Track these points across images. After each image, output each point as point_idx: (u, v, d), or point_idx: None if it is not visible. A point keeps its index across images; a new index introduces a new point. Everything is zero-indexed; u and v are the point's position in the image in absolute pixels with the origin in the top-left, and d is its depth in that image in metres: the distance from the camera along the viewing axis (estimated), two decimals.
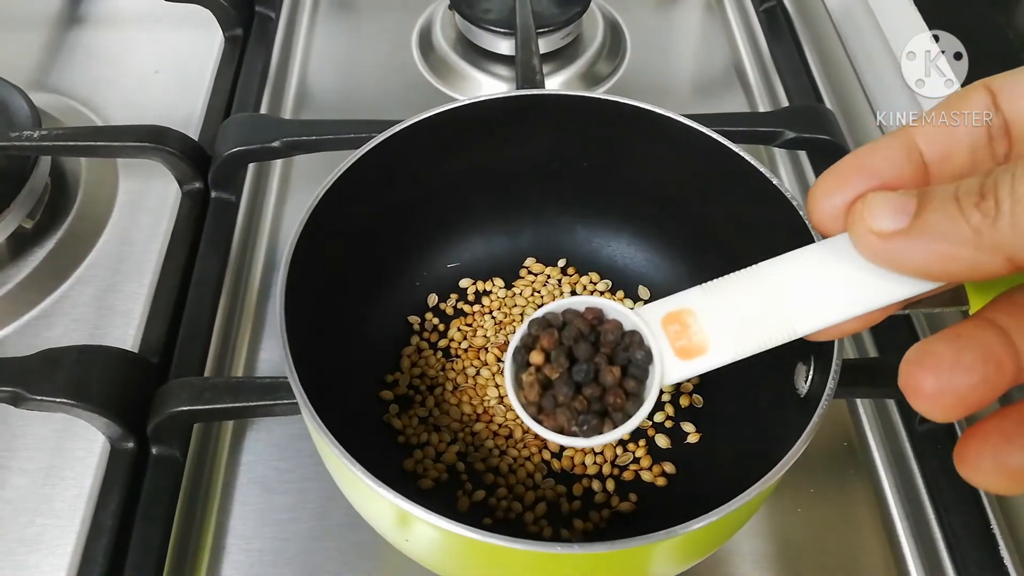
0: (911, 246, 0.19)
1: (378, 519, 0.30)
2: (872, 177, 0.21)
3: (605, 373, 0.24)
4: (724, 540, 0.31)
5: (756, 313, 0.24)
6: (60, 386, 0.35)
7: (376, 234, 0.38)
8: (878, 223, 0.20)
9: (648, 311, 0.25)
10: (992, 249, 0.18)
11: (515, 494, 0.37)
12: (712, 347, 0.24)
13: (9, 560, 0.36)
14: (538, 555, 0.25)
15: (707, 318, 0.24)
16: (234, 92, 0.55)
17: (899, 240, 0.20)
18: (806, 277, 0.23)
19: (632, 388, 0.24)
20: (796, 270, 0.24)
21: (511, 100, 0.37)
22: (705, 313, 0.24)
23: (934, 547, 0.37)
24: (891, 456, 0.40)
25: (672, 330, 0.24)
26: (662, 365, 0.24)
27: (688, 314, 0.24)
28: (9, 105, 0.48)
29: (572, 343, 0.25)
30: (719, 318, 0.24)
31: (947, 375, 0.19)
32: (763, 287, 0.24)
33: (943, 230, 0.19)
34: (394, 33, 0.62)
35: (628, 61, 0.60)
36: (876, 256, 0.21)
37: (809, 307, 0.23)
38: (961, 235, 0.19)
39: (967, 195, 0.19)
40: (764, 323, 0.24)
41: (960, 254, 0.19)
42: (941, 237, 0.19)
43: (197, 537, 0.37)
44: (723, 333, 0.24)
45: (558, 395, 0.25)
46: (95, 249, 0.47)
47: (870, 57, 0.55)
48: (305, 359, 0.29)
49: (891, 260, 0.20)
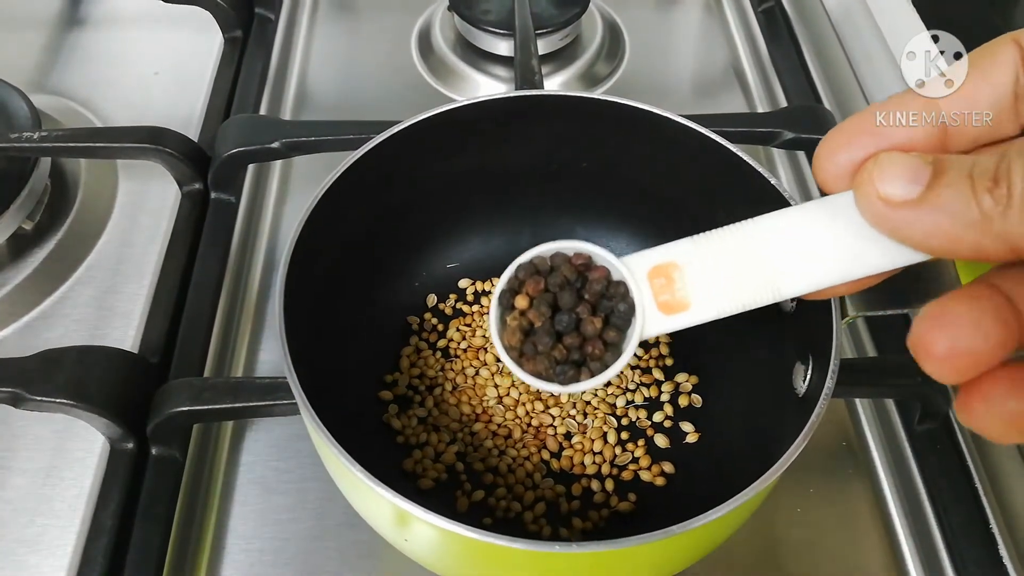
0: (919, 218, 0.19)
1: (377, 519, 0.30)
2: (884, 137, 0.20)
3: (586, 323, 0.25)
4: (723, 539, 0.31)
5: (743, 271, 0.23)
6: (60, 387, 0.35)
7: (375, 234, 0.38)
8: (888, 188, 0.19)
9: (635, 261, 0.25)
10: (998, 237, 0.18)
11: (514, 494, 0.37)
12: (695, 304, 0.24)
13: (9, 560, 0.36)
14: (537, 555, 0.25)
15: (693, 273, 0.24)
16: (233, 93, 0.56)
17: (907, 210, 0.19)
18: (797, 237, 0.23)
19: (612, 339, 0.24)
20: (788, 229, 0.23)
21: (510, 101, 0.37)
22: (692, 267, 0.24)
23: (933, 546, 0.37)
24: (890, 456, 0.40)
25: (657, 283, 0.24)
26: (643, 318, 0.24)
27: (674, 268, 0.24)
28: (9, 106, 0.48)
29: (557, 290, 0.25)
30: (705, 274, 0.24)
31: (968, 336, 0.19)
32: (753, 244, 0.24)
33: (953, 209, 0.18)
34: (393, 34, 0.62)
35: (627, 62, 0.60)
36: (879, 222, 0.20)
37: (797, 268, 0.23)
38: (970, 217, 0.18)
39: (981, 177, 0.18)
40: (750, 282, 0.23)
41: (966, 236, 0.18)
42: (950, 215, 0.18)
43: (197, 537, 0.37)
44: (707, 290, 0.24)
45: (538, 344, 0.25)
46: (95, 250, 0.47)
47: (869, 57, 0.55)
48: (304, 359, 0.29)
49: (894, 229, 0.20)
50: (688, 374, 0.41)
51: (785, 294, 0.23)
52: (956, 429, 0.39)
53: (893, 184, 0.19)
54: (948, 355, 0.19)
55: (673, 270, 0.24)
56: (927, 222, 0.19)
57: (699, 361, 0.41)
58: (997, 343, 0.19)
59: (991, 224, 0.18)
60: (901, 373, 0.38)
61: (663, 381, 0.41)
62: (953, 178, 0.19)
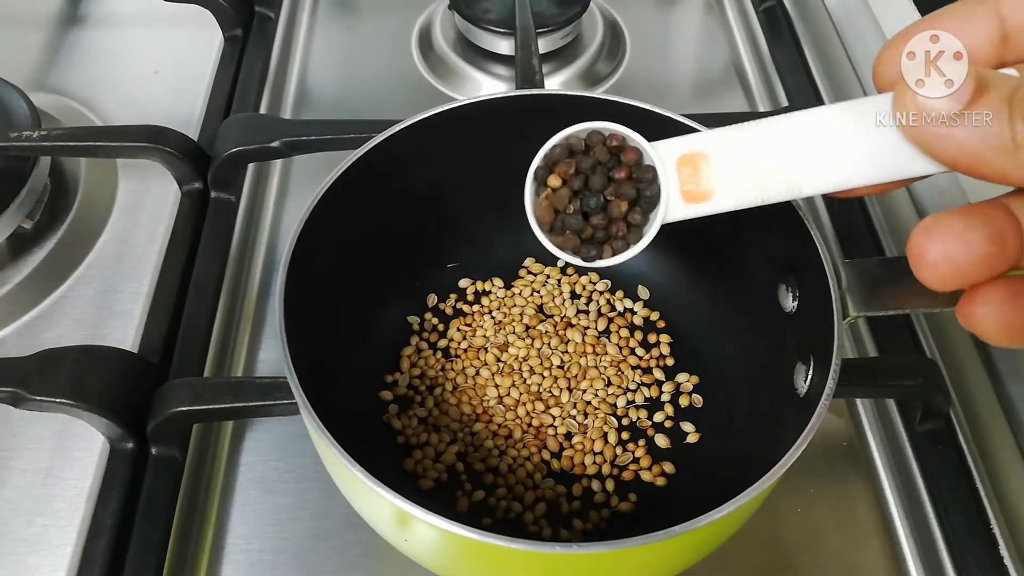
0: (951, 134, 0.19)
1: (377, 519, 0.30)
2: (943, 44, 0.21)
3: (614, 205, 0.26)
4: (724, 540, 0.31)
5: (767, 165, 0.24)
6: (60, 386, 0.35)
7: (375, 234, 0.38)
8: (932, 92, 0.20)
9: (666, 148, 0.25)
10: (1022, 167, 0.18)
11: (514, 494, 0.37)
12: (717, 194, 0.25)
13: (9, 560, 0.36)
14: (537, 555, 0.25)
15: (720, 164, 0.25)
16: (234, 92, 0.55)
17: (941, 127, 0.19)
18: (823, 136, 0.23)
19: (636, 220, 0.26)
20: (816, 127, 0.24)
21: (511, 100, 0.37)
22: (719, 159, 0.25)
23: (934, 546, 0.37)
24: (891, 456, 0.40)
25: (685, 172, 0.25)
26: (667, 204, 0.25)
27: (702, 158, 0.25)
28: (9, 105, 0.48)
29: (589, 172, 0.26)
30: (731, 165, 0.25)
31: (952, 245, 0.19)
32: (780, 139, 0.24)
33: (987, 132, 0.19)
34: (394, 33, 0.62)
35: (628, 61, 0.60)
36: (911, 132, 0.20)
37: (818, 167, 0.23)
38: (1002, 143, 0.18)
39: (1020, 104, 0.18)
40: (772, 177, 0.24)
41: (993, 160, 0.19)
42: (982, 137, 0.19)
43: (197, 537, 0.37)
44: (731, 181, 0.25)
45: (567, 224, 0.26)
46: (95, 249, 0.47)
47: (870, 57, 0.55)
48: (304, 359, 0.29)
49: (925, 141, 0.20)
50: (689, 374, 0.41)
51: (804, 192, 0.24)
52: (957, 429, 0.39)
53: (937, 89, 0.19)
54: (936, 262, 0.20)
55: (700, 160, 0.25)
56: (958, 139, 0.19)
57: (700, 361, 0.41)
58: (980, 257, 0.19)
59: (1020, 153, 0.18)
60: (902, 373, 0.38)
61: (664, 381, 0.41)
62: (993, 100, 0.19)
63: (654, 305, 0.43)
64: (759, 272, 0.37)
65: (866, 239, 0.48)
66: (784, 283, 0.35)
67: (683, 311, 0.42)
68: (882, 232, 0.48)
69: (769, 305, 0.35)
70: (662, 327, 0.42)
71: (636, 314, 0.43)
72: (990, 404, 0.41)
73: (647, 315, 0.43)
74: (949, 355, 0.43)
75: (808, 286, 0.33)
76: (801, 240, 0.32)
